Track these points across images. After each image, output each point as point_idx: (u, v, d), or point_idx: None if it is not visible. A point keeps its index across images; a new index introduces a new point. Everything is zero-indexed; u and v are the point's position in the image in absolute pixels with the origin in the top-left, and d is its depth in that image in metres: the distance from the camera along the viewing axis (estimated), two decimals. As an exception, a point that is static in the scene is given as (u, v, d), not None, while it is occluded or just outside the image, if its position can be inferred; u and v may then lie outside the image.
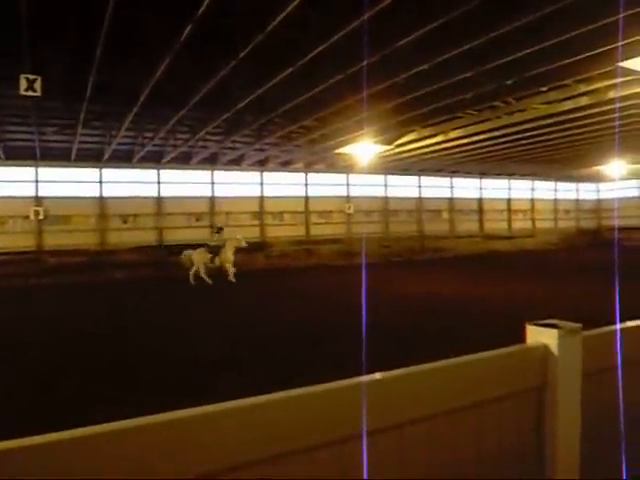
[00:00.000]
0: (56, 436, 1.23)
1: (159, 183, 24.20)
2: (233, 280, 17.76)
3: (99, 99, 12.91)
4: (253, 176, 26.56)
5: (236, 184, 26.17)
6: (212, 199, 25.49)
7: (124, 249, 22.58)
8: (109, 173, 23.05)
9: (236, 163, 24.50)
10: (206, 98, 12.58)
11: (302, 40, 9.63)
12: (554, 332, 2.04)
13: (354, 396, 1.64)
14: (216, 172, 25.41)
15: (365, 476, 1.60)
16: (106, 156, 20.91)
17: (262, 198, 26.84)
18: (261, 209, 26.73)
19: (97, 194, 22.87)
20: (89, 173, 22.67)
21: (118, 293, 16.93)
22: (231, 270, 18.13)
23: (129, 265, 21.88)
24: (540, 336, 2.08)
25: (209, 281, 17.94)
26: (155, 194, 24.16)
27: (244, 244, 18.61)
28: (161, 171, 24.05)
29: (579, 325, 2.11)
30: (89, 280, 19.85)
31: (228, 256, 18.22)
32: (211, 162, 24.00)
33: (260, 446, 1.47)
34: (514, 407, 2.03)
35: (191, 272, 18.21)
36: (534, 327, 2.12)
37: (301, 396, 1.58)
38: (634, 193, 37.83)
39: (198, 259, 18.34)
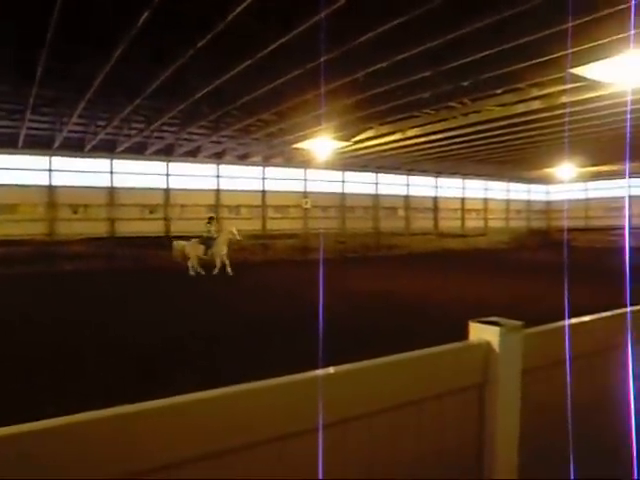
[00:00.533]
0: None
1: (112, 173, 23.55)
2: (230, 273, 17.61)
3: (50, 84, 12.47)
4: (209, 169, 26.22)
5: (192, 176, 25.78)
6: (167, 191, 25.03)
7: (74, 240, 21.88)
8: (59, 161, 22.27)
9: (192, 155, 24.14)
10: (162, 87, 12.32)
11: (262, 32, 9.53)
12: (496, 329, 2.06)
13: (303, 391, 1.64)
14: (172, 164, 24.96)
15: (320, 472, 1.60)
16: (57, 144, 20.21)
17: (218, 191, 26.53)
18: (217, 202, 26.41)
19: (46, 183, 22.10)
20: (38, 161, 21.86)
21: (66, 284, 16.42)
22: (222, 262, 18.01)
23: (79, 256, 21.24)
24: (482, 333, 2.10)
25: (202, 272, 17.92)
26: (108, 184, 23.52)
27: (237, 237, 18.33)
28: (114, 161, 23.41)
29: (520, 323, 2.15)
30: (36, 271, 19.17)
31: (221, 249, 18.03)
32: (166, 153, 23.56)
33: (209, 441, 1.46)
34: (456, 404, 2.04)
35: (189, 264, 18.11)
36: (477, 324, 2.14)
37: (245, 391, 1.56)
38: (581, 195, 39.22)
39: (191, 251, 18.18)
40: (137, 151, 22.67)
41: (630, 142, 21.65)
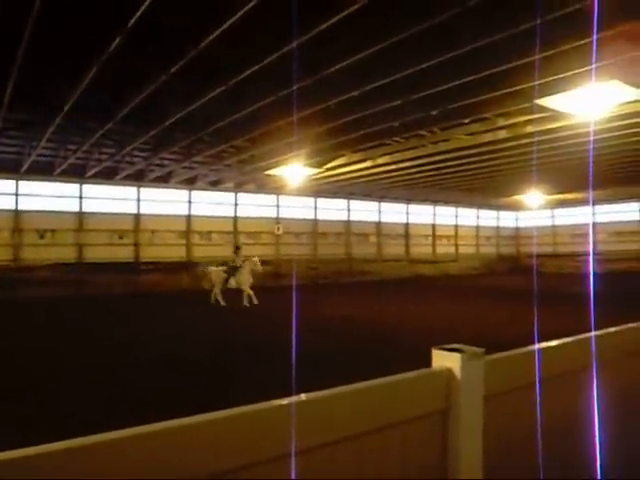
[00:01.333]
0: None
1: (81, 198, 23.21)
2: (255, 302, 16.26)
3: (19, 107, 12.33)
4: (181, 194, 26.06)
5: (163, 202, 25.57)
6: (137, 216, 24.74)
7: (40, 266, 21.36)
8: (27, 186, 21.86)
9: (164, 180, 23.98)
10: (134, 112, 12.29)
11: (235, 59, 9.63)
12: (457, 356, 2.08)
13: (264, 421, 1.63)
14: (142, 189, 24.72)
15: None
16: (24, 167, 19.89)
17: (190, 217, 26.35)
18: (188, 228, 26.21)
19: (12, 207, 21.65)
20: (5, 185, 21.41)
21: (30, 311, 15.98)
22: (248, 292, 16.62)
23: (45, 283, 20.68)
24: (445, 360, 2.12)
25: (222, 303, 16.65)
26: (76, 209, 23.15)
27: (259, 267, 17.14)
28: (84, 186, 23.09)
29: (482, 350, 2.16)
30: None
31: (246, 278, 16.78)
32: (137, 178, 23.35)
33: (184, 468, 1.44)
34: (419, 431, 2.04)
35: (213, 291, 17.16)
36: (439, 351, 2.15)
37: (226, 417, 1.55)
38: (549, 222, 40.13)
39: (215, 277, 17.33)
40: (107, 176, 22.39)
41: (593, 171, 22.33)
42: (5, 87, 10.53)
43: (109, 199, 24.04)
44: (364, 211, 33.24)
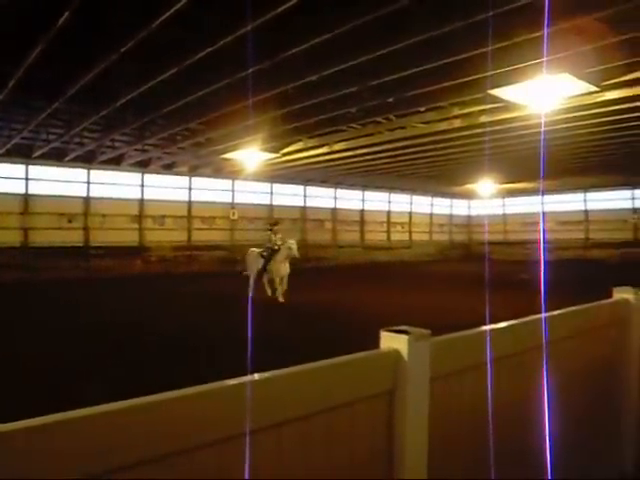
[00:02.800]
0: None
1: (27, 179, 22.31)
2: (281, 300, 13.65)
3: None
4: (133, 177, 25.41)
5: (115, 185, 24.89)
6: (87, 199, 24.00)
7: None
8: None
9: (115, 163, 23.28)
10: (84, 91, 11.84)
11: (190, 40, 9.38)
12: (404, 338, 2.11)
13: (207, 403, 1.61)
14: (93, 171, 23.97)
15: (246, 476, 1.59)
16: (-35, 147, 19.00)
17: (142, 201, 25.77)
18: (141, 212, 25.64)
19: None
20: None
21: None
22: (277, 285, 13.86)
23: None
24: (392, 342, 2.15)
25: (268, 292, 14.23)
26: (22, 191, 22.25)
27: (296, 252, 13.99)
28: (30, 167, 22.19)
29: (428, 331, 2.20)
30: None
31: (279, 267, 13.86)
32: (87, 160, 22.58)
33: (139, 448, 1.43)
34: (366, 412, 2.06)
35: (250, 281, 14.44)
36: (387, 333, 2.18)
37: (179, 397, 1.54)
38: (500, 211, 41.14)
39: (252, 263, 14.75)
40: (56, 157, 21.58)
41: (544, 161, 22.94)
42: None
43: (57, 181, 23.20)
44: (320, 197, 33.26)
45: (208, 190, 28.23)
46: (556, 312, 3.31)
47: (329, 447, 1.93)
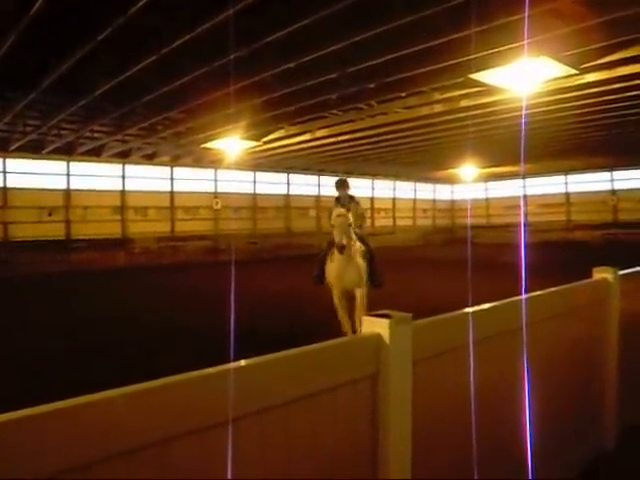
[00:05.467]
0: None
1: (4, 173, 21.90)
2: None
3: None
4: (114, 168, 25.11)
5: (95, 176, 24.57)
6: (68, 192, 23.69)
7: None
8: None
9: (95, 154, 22.95)
10: (60, 82, 11.63)
11: (167, 28, 9.25)
12: (385, 322, 2.12)
13: (191, 389, 1.62)
14: (73, 163, 23.63)
15: (229, 464, 1.60)
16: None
17: (124, 192, 25.49)
18: (123, 204, 25.38)
19: None
20: None
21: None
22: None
23: None
24: (374, 326, 2.16)
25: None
26: (0, 185, 21.87)
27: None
28: (7, 160, 21.80)
29: (409, 315, 2.22)
30: None
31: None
32: (67, 152, 22.23)
33: (120, 438, 1.43)
34: (349, 396, 2.08)
35: None
36: (368, 317, 2.20)
37: (161, 386, 1.54)
38: (482, 195, 41.40)
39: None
40: (33, 149, 21.21)
41: (525, 145, 23.08)
42: None
43: (36, 174, 22.85)
44: (303, 185, 33.18)
45: (190, 180, 28.01)
46: (536, 293, 3.34)
47: (312, 433, 1.94)
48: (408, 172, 35.68)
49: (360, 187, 36.41)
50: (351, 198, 8.21)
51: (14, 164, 22.10)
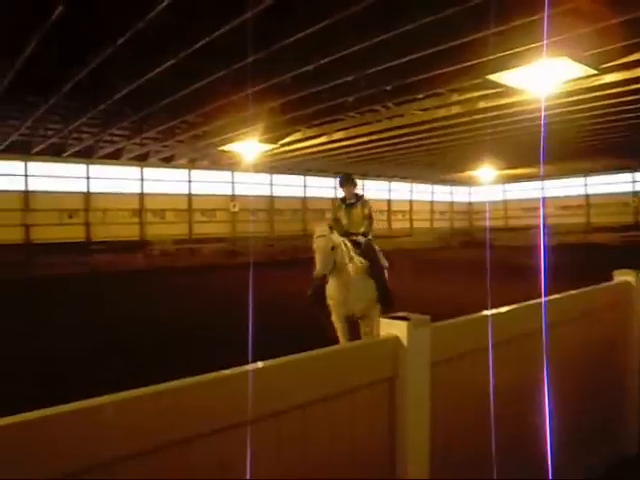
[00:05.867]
0: None
1: (26, 176, 22.28)
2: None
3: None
4: (133, 171, 25.38)
5: (114, 179, 24.87)
6: (87, 195, 24.00)
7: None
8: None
9: (114, 157, 23.22)
10: (80, 86, 11.78)
11: (185, 31, 9.32)
12: (403, 324, 2.11)
13: (211, 391, 1.63)
14: (92, 166, 23.94)
15: (247, 465, 1.60)
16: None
17: (142, 195, 25.74)
18: (141, 206, 25.62)
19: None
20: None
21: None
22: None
23: None
24: (391, 328, 2.15)
25: None
26: (22, 188, 22.23)
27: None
28: (29, 163, 22.16)
29: (427, 317, 2.20)
30: None
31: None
32: (87, 155, 22.53)
33: (139, 438, 1.45)
34: (367, 399, 2.07)
35: None
36: (386, 320, 2.18)
37: (180, 387, 1.55)
38: (500, 197, 41.07)
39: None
40: (54, 153, 21.53)
41: (544, 146, 22.86)
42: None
43: (57, 177, 23.20)
44: (320, 187, 33.20)
45: (208, 182, 28.19)
46: (556, 296, 3.30)
47: (330, 435, 1.93)
48: (425, 174, 35.53)
49: (377, 189, 36.40)
50: (359, 198, 7.08)
51: (35, 167, 22.46)
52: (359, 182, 7.53)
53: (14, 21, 8.82)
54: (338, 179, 7.18)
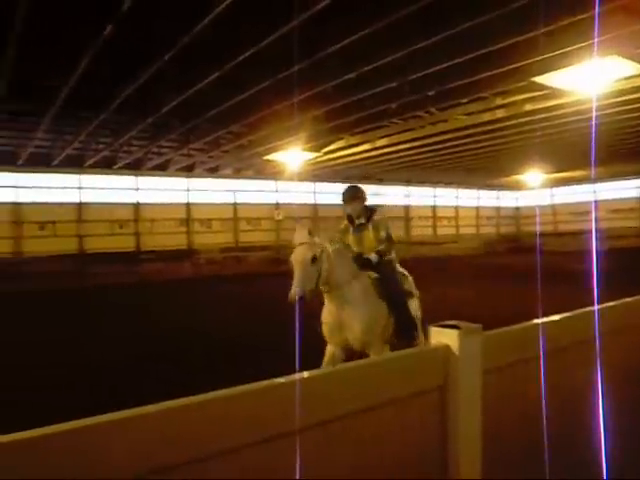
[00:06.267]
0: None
1: (80, 188, 23.17)
2: None
3: (14, 98, 12.22)
4: (179, 182, 25.99)
5: (162, 190, 25.53)
6: (137, 205, 24.70)
7: (41, 258, 21.25)
8: (25, 178, 21.80)
9: (162, 168, 23.86)
10: (129, 101, 12.19)
11: (230, 44, 9.52)
12: (454, 332, 2.09)
13: (262, 400, 1.64)
14: (141, 177, 24.66)
15: (297, 476, 1.60)
16: (22, 160, 19.81)
17: (189, 204, 26.30)
18: (188, 216, 26.17)
19: (12, 199, 21.61)
20: (3, 178, 21.33)
21: (35, 304, 15.96)
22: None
23: (46, 275, 20.40)
24: (442, 337, 2.13)
25: None
26: (76, 200, 23.11)
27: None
28: (82, 176, 23.01)
29: (479, 325, 2.17)
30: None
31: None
32: (135, 167, 23.24)
33: (188, 446, 1.46)
34: (416, 408, 2.05)
35: None
36: (436, 328, 2.16)
37: (228, 396, 1.57)
38: (549, 201, 40.05)
39: None
40: (105, 165, 22.28)
41: (594, 148, 22.19)
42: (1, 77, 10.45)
43: (108, 189, 24.01)
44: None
45: (252, 191, 28.56)
46: (609, 304, 3.21)
47: (379, 444, 1.93)
48: (470, 179, 35.03)
49: (421, 195, 36.10)
50: (370, 214, 5.49)
51: (88, 180, 23.29)
52: (403, 188, 6.84)
53: (68, 41, 9.20)
54: (342, 193, 5.67)
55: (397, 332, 4.89)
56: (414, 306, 5.27)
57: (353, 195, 5.56)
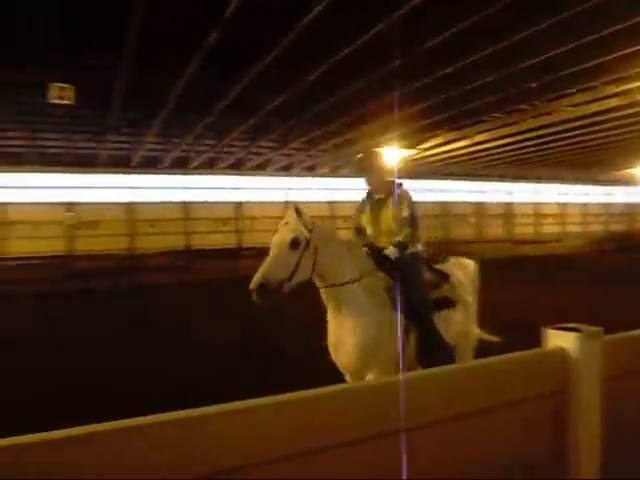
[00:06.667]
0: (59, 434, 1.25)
1: (186, 188, 24.61)
2: None
3: (131, 105, 13.10)
4: (278, 181, 26.75)
5: (262, 189, 26.45)
6: (238, 204, 25.75)
7: (152, 253, 22.74)
8: (138, 179, 23.46)
9: (261, 168, 24.67)
10: (232, 103, 12.70)
11: (328, 43, 9.68)
12: (572, 336, 2.01)
13: (377, 396, 1.67)
14: (242, 177, 25.68)
15: (404, 475, 1.61)
16: (134, 162, 21.28)
17: (287, 203, 26.93)
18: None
19: (125, 200, 23.34)
20: (117, 179, 23.09)
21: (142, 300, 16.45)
22: None
23: (158, 269, 21.71)
24: (558, 340, 2.05)
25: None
26: (182, 199, 24.59)
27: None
28: (188, 176, 24.40)
29: (599, 329, 2.07)
30: (115, 285, 19.23)
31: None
32: (236, 167, 24.21)
33: (298, 441, 1.51)
34: (529, 412, 1.99)
35: None
36: (552, 331, 2.08)
37: (334, 393, 1.61)
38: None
39: None
40: (208, 166, 23.48)
41: None
42: (120, 87, 11.24)
43: (211, 188, 25.29)
44: (462, 191, 32.41)
45: (349, 190, 28.76)
46: None
47: (492, 445, 1.88)
48: (576, 174, 33.15)
49: (523, 192, 34.68)
50: (391, 188, 4.58)
51: (192, 180, 24.66)
52: (504, 185, 6.44)
53: (175, 46, 9.75)
54: (356, 159, 4.29)
55: (420, 354, 3.76)
56: (458, 318, 4.21)
57: (370, 162, 4.49)
